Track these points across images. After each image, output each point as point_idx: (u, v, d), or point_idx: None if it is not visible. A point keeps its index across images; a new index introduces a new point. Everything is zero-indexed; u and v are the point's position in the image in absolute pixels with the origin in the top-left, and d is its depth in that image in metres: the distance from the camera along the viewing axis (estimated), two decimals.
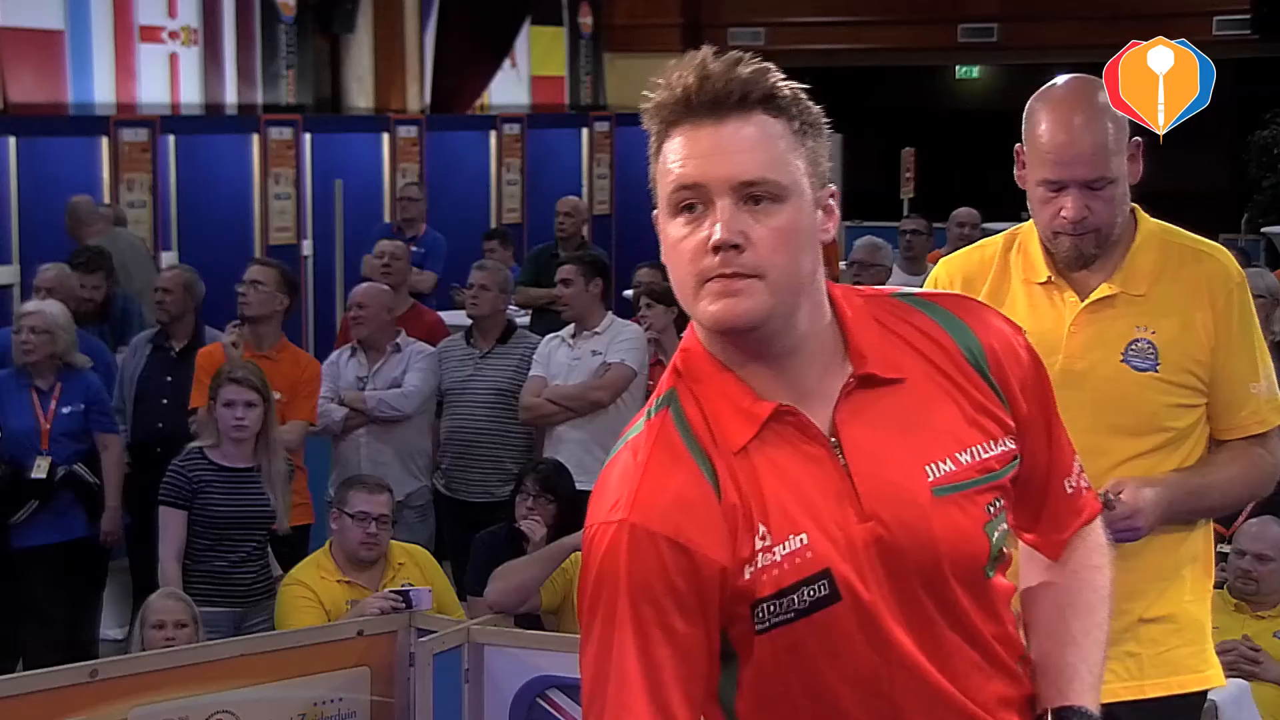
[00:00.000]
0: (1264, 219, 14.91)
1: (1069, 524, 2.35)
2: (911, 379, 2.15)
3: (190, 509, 6.13)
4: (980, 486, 2.15)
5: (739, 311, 2.05)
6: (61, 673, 4.67)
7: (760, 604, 2.08)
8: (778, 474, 2.09)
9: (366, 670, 5.09)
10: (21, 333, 6.88)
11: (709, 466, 2.08)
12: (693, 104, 2.11)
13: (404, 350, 7.61)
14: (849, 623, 2.10)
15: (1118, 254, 3.32)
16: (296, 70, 13.69)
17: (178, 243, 11.83)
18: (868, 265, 8.95)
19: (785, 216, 2.07)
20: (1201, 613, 3.40)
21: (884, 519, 2.10)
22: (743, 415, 2.10)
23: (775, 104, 2.10)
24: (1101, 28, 15.06)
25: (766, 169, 2.07)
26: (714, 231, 2.05)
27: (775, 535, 2.07)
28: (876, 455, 2.11)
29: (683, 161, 2.10)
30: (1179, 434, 3.31)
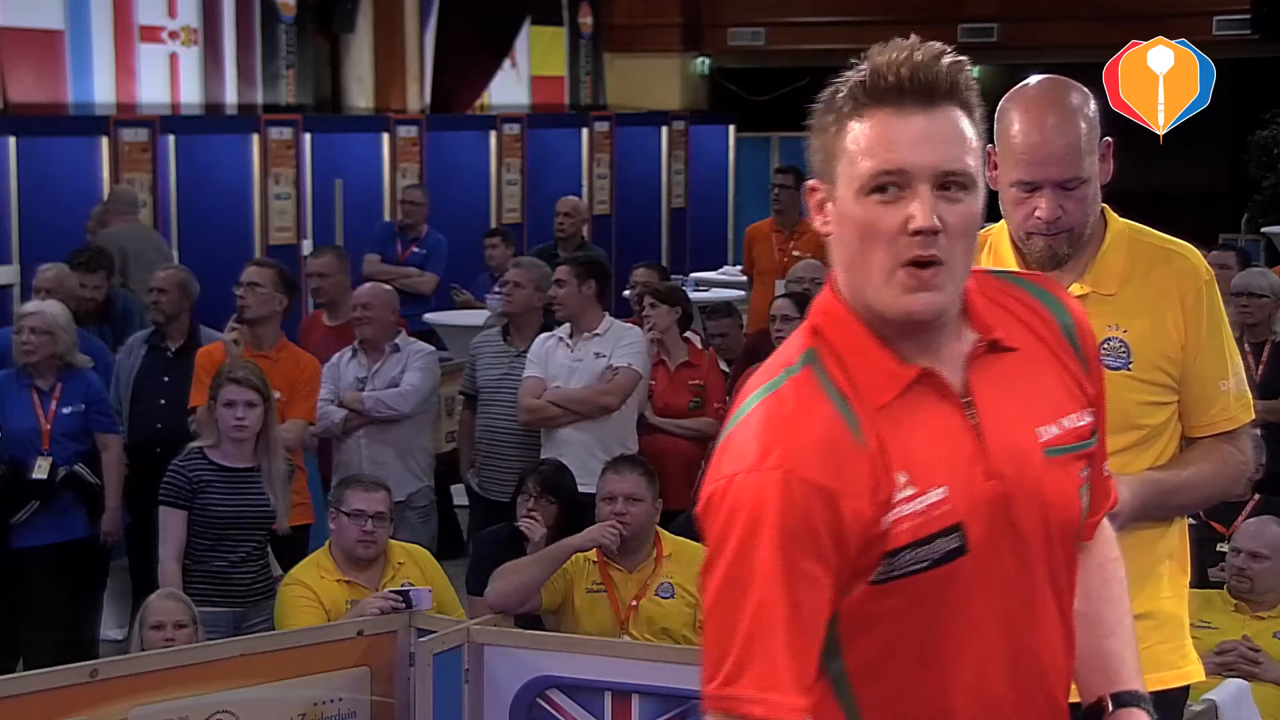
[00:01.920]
0: (1264, 219, 14.91)
1: (1102, 506, 2.42)
2: (1023, 347, 2.27)
3: (190, 509, 6.13)
4: (1078, 452, 2.28)
5: (932, 305, 2.16)
6: (61, 673, 4.67)
7: (896, 553, 2.14)
8: (919, 429, 2.18)
9: (366, 670, 5.09)
10: (22, 333, 6.88)
11: (852, 416, 2.15)
12: (905, 90, 2.17)
13: (403, 350, 7.61)
14: (969, 577, 2.17)
15: (1088, 254, 3.34)
16: (296, 70, 13.69)
17: (178, 243, 11.83)
18: None
19: (971, 205, 2.18)
20: (1179, 609, 3.42)
21: (1007, 477, 2.20)
22: (887, 375, 2.19)
23: (968, 98, 2.21)
24: (1101, 28, 15.05)
25: (962, 160, 2.17)
26: (915, 215, 2.14)
27: (918, 485, 2.15)
28: (1000, 416, 2.22)
29: (888, 145, 2.16)
30: (1152, 431, 3.32)
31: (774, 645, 2.11)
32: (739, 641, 2.13)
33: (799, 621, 2.11)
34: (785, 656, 2.11)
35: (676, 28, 17.78)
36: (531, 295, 7.67)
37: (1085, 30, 15.78)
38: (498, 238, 11.38)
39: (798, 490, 2.10)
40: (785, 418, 2.14)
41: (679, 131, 16.94)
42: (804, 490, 2.10)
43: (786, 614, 2.11)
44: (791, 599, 2.11)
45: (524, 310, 7.67)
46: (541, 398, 7.32)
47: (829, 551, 2.11)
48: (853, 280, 2.22)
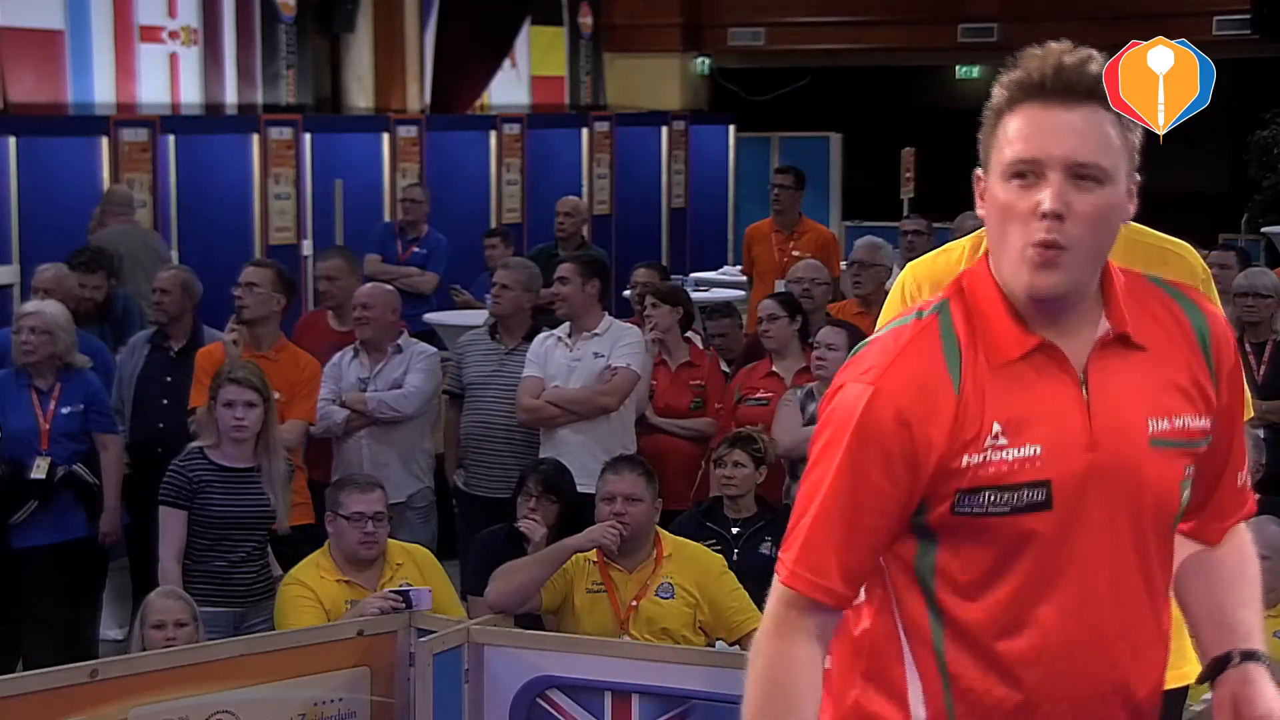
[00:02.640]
0: (1264, 219, 14.90)
1: (1232, 513, 2.67)
2: (1152, 346, 2.49)
3: (190, 509, 6.13)
4: (1184, 449, 2.49)
5: (1053, 284, 2.40)
6: (61, 673, 4.67)
7: (978, 491, 2.40)
8: (1029, 392, 2.42)
9: (366, 670, 5.09)
10: (21, 333, 6.88)
11: (957, 364, 2.42)
12: (1046, 88, 2.41)
13: (405, 351, 7.61)
14: (1053, 531, 2.41)
15: None
16: (296, 70, 13.68)
17: (178, 243, 11.82)
18: (868, 265, 8.94)
19: (1103, 197, 2.40)
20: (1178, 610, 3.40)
21: (1107, 451, 2.42)
22: (1010, 339, 2.44)
23: (1109, 99, 2.44)
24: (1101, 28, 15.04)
25: (1097, 154, 2.40)
26: (1045, 200, 2.38)
27: (1011, 439, 2.40)
28: (1113, 399, 2.44)
29: (1027, 136, 2.41)
30: None
31: (830, 533, 2.42)
32: (803, 521, 2.45)
33: (856, 519, 2.42)
34: (833, 545, 2.42)
35: (676, 28, 17.77)
36: (520, 296, 7.68)
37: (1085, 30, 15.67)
38: (497, 238, 11.38)
39: (882, 408, 2.39)
40: (895, 348, 2.44)
41: (679, 131, 16.94)
42: (887, 409, 2.39)
43: (846, 510, 2.41)
44: (854, 499, 2.41)
45: (513, 311, 7.68)
46: (540, 397, 7.32)
47: (900, 469, 2.40)
48: (996, 256, 2.46)
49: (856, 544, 2.43)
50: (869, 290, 8.78)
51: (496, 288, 7.71)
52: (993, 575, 2.43)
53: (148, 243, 10.08)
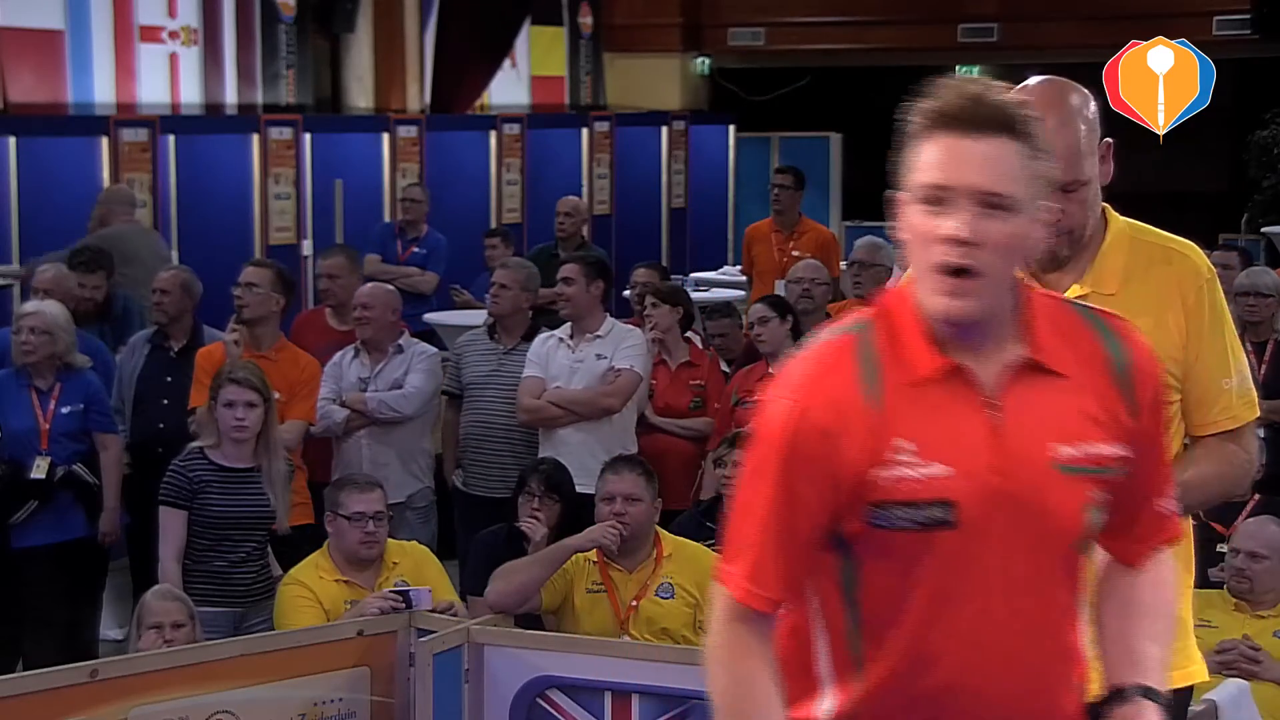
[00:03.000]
0: (1264, 219, 14.88)
1: (1151, 538, 2.70)
2: (1067, 373, 2.55)
3: (190, 509, 6.13)
4: (1092, 475, 2.54)
5: (960, 311, 2.49)
6: (61, 673, 4.67)
7: (887, 505, 2.49)
8: (940, 413, 2.51)
9: (366, 670, 5.09)
10: (21, 333, 6.88)
11: (875, 382, 2.52)
12: (958, 119, 2.48)
13: (406, 351, 7.60)
14: (956, 550, 2.49)
15: (1088, 254, 3.33)
16: (296, 70, 13.68)
17: (178, 243, 11.82)
18: (868, 265, 8.94)
19: (1012, 225, 2.48)
20: (1183, 609, 3.40)
21: (1012, 475, 2.50)
22: (925, 360, 2.52)
23: (1020, 131, 2.49)
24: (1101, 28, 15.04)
25: (1005, 184, 2.47)
26: (952, 226, 2.46)
27: (923, 455, 2.49)
28: (1021, 424, 2.51)
29: (940, 165, 2.49)
30: None
31: (766, 545, 2.54)
32: (747, 535, 2.56)
33: (795, 532, 2.53)
34: (777, 557, 2.54)
35: (676, 28, 17.76)
36: (518, 296, 7.68)
37: (1085, 30, 15.77)
38: (498, 238, 11.38)
39: (803, 422, 2.50)
40: (814, 364, 2.55)
41: (679, 131, 16.94)
42: (808, 424, 2.50)
43: (784, 523, 2.53)
44: (790, 511, 2.52)
45: (512, 311, 7.68)
46: (542, 398, 7.32)
47: (825, 480, 2.50)
48: (915, 277, 2.54)
49: (795, 555, 2.54)
50: (869, 290, 8.78)
51: (495, 287, 7.71)
52: (901, 587, 2.52)
53: (150, 242, 10.07)
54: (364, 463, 7.39)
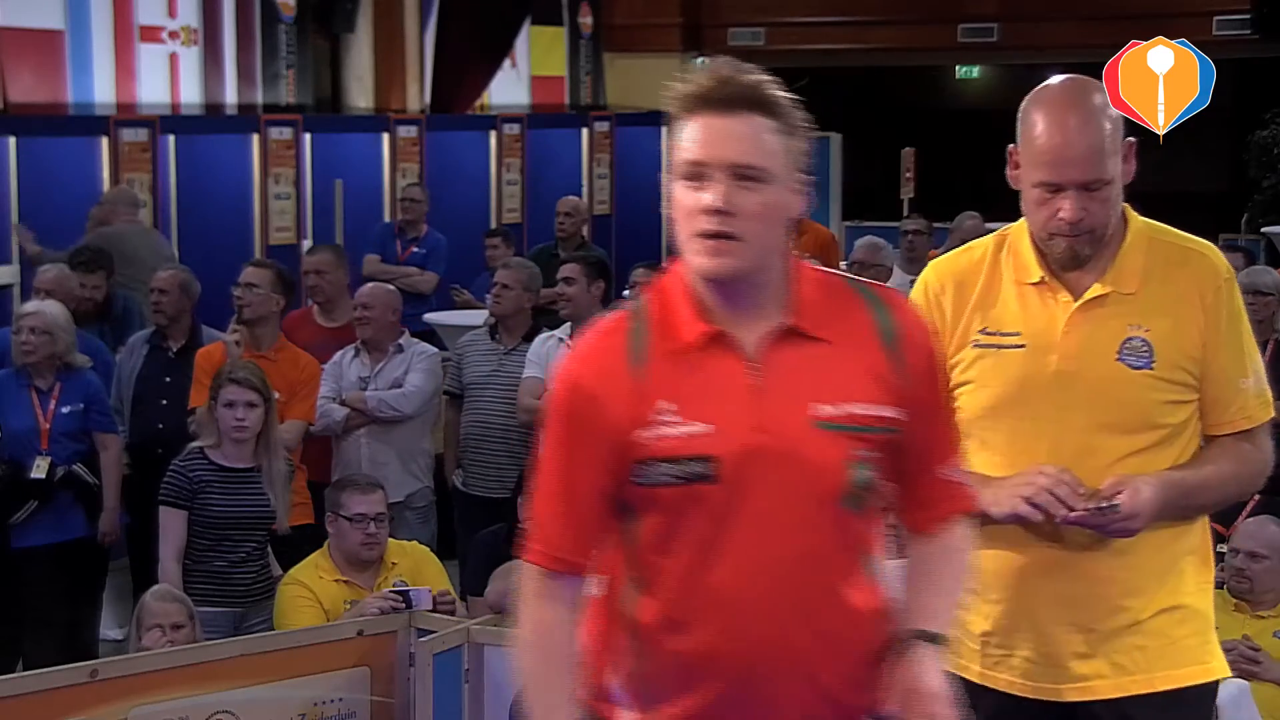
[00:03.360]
0: (1264, 219, 14.89)
1: (940, 507, 2.82)
2: (832, 339, 2.70)
3: (190, 509, 6.13)
4: (854, 433, 2.68)
5: (719, 267, 2.66)
6: (61, 673, 4.67)
7: (651, 461, 2.66)
8: (703, 375, 2.68)
9: (366, 670, 5.09)
10: (21, 333, 6.88)
11: (641, 350, 2.70)
12: (710, 99, 2.66)
13: (406, 350, 7.61)
14: (719, 503, 2.65)
15: (1109, 254, 3.34)
16: (296, 70, 13.68)
17: (178, 243, 11.82)
18: (868, 265, 8.95)
19: (765, 194, 2.65)
20: (1205, 604, 3.41)
21: (771, 433, 2.65)
22: (689, 327, 2.70)
23: (770, 109, 2.66)
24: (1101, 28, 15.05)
25: (755, 157, 2.64)
26: (710, 198, 2.63)
27: (684, 415, 2.66)
28: (782, 386, 2.67)
29: (695, 143, 2.66)
30: (1173, 430, 3.32)
31: (554, 510, 2.75)
32: (533, 500, 2.78)
33: (574, 493, 2.72)
34: (560, 518, 2.74)
35: (676, 28, 17.77)
36: (520, 296, 7.68)
37: (1085, 30, 15.77)
38: (498, 237, 11.38)
39: (575, 390, 2.73)
40: (588, 339, 2.79)
41: None
42: (578, 391, 2.72)
43: (565, 487, 2.73)
44: (569, 475, 2.73)
45: (514, 311, 7.68)
46: (542, 398, 7.31)
47: (599, 441, 2.69)
48: (681, 248, 2.71)
49: (578, 515, 2.73)
50: None
51: (497, 287, 7.71)
52: (670, 542, 2.69)
53: (151, 242, 10.06)
54: (363, 462, 7.39)
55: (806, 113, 2.70)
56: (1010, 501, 3.23)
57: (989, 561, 3.34)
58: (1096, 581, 3.32)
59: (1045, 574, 3.33)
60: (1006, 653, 3.38)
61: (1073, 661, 3.34)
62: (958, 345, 3.39)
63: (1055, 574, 3.32)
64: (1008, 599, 3.37)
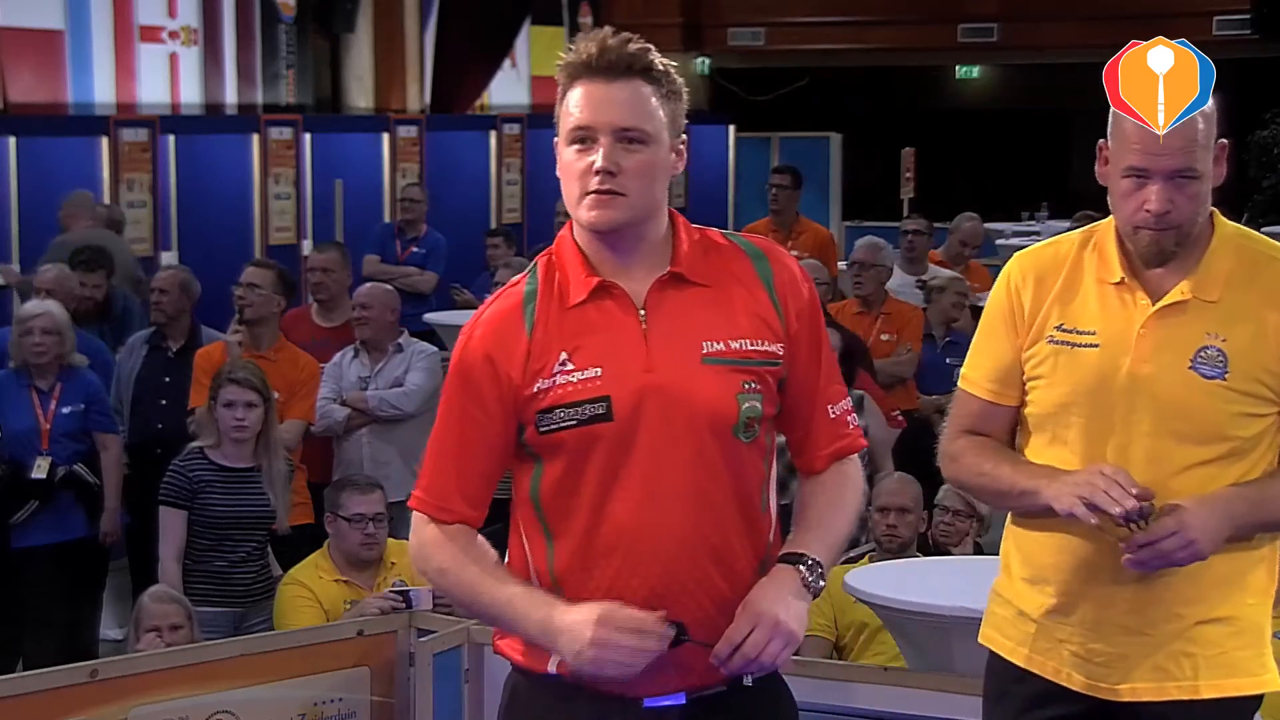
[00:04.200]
0: (1264, 219, 14.90)
1: (829, 443, 2.98)
2: (714, 285, 2.88)
3: (190, 509, 6.13)
4: (740, 366, 2.85)
5: (606, 218, 2.82)
6: (61, 673, 4.66)
7: (551, 410, 2.82)
8: (593, 326, 2.85)
9: (366, 670, 5.08)
10: (33, 334, 6.86)
11: (532, 313, 2.87)
12: (593, 67, 2.85)
13: (406, 350, 7.61)
14: (616, 439, 2.81)
15: (1194, 256, 3.27)
16: (296, 70, 13.69)
17: (178, 243, 11.83)
18: (868, 265, 8.93)
19: (647, 154, 2.83)
20: (1262, 616, 3.34)
21: (661, 371, 2.82)
22: (580, 283, 2.87)
23: (650, 75, 2.87)
24: (1101, 28, 15.06)
25: (638, 120, 2.83)
26: (597, 160, 2.80)
27: (576, 364, 2.82)
28: (670, 328, 2.85)
29: (581, 108, 2.84)
30: (1244, 443, 3.25)
31: (444, 463, 2.90)
32: (427, 457, 2.93)
33: (464, 448, 2.88)
34: (450, 473, 2.89)
35: (676, 28, 17.78)
36: None
37: (1085, 30, 15.78)
38: (500, 237, 11.38)
39: (472, 351, 2.88)
40: (487, 304, 2.95)
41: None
42: (474, 353, 2.88)
43: (455, 441, 2.89)
44: (458, 430, 2.88)
45: None
46: None
47: (491, 401, 2.85)
48: (569, 208, 2.87)
49: (469, 470, 2.88)
50: (869, 290, 8.78)
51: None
52: (575, 482, 2.83)
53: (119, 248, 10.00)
54: (365, 461, 7.39)
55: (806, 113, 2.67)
56: (1069, 500, 3.18)
57: (1051, 552, 3.31)
58: (1154, 588, 3.26)
59: (1106, 572, 3.27)
60: (1057, 642, 3.34)
61: (1121, 661, 3.29)
62: (1034, 339, 3.34)
63: (1116, 573, 3.26)
64: (1065, 592, 3.32)
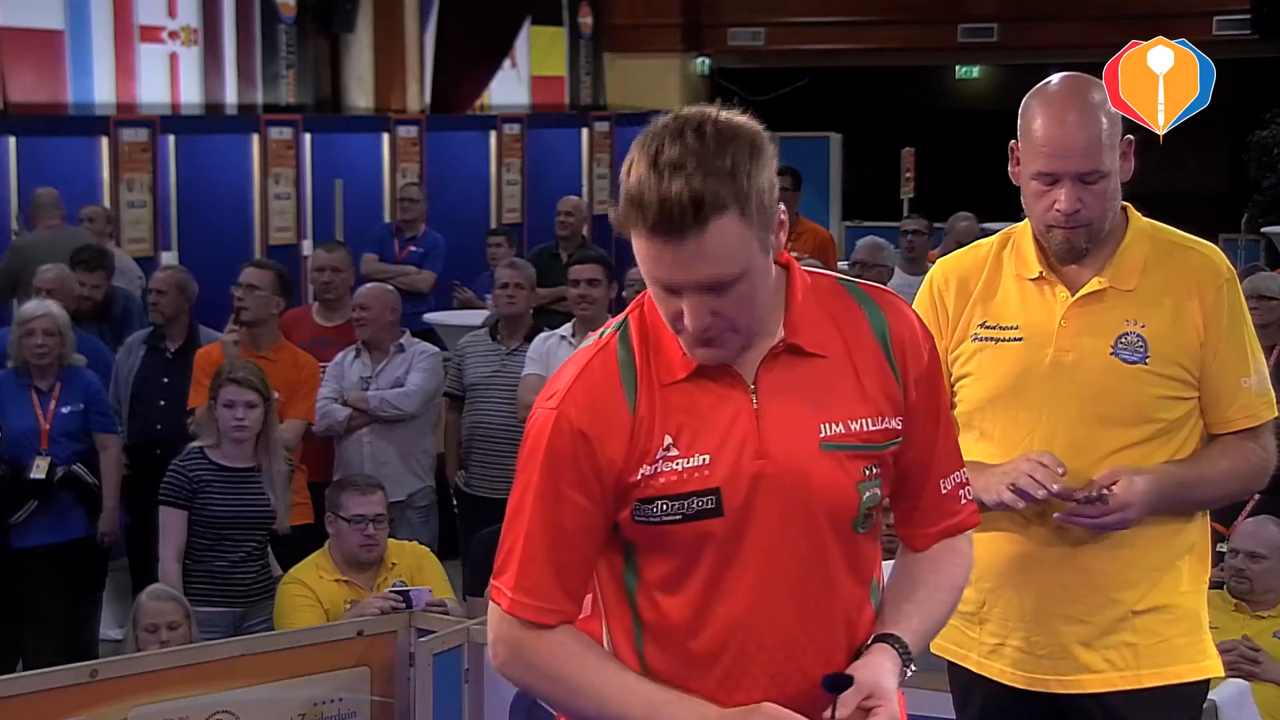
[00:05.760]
0: (1264, 219, 14.89)
1: (938, 520, 2.67)
2: (830, 353, 2.54)
3: (190, 509, 6.13)
4: (862, 451, 2.53)
5: (714, 358, 2.48)
6: (61, 673, 4.67)
7: (652, 500, 2.49)
8: (699, 407, 2.50)
9: (366, 670, 5.09)
10: (35, 335, 6.86)
11: (633, 385, 2.51)
12: (653, 225, 2.38)
13: (408, 350, 7.61)
14: (726, 535, 2.49)
15: (1108, 249, 3.38)
16: (296, 70, 13.69)
17: (178, 243, 11.83)
18: (869, 265, 8.95)
19: (744, 288, 2.42)
20: (1198, 604, 3.44)
21: (775, 458, 2.49)
22: (681, 358, 2.51)
23: (723, 203, 2.36)
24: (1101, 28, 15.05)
25: (724, 268, 2.39)
26: (687, 322, 2.43)
27: (682, 450, 2.49)
28: (783, 408, 2.50)
29: (653, 265, 2.43)
30: (1169, 426, 3.35)
31: (537, 554, 2.52)
32: (509, 545, 2.55)
33: (562, 539, 2.52)
34: (547, 566, 2.52)
35: (676, 28, 17.78)
36: (530, 296, 7.72)
37: (1085, 30, 15.78)
38: (501, 237, 11.39)
39: (566, 430, 2.50)
40: (575, 371, 2.54)
41: None
42: (569, 430, 2.50)
43: (547, 529, 2.52)
44: (554, 518, 2.51)
45: (524, 310, 7.71)
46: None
47: (592, 485, 2.50)
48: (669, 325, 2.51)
49: (568, 561, 2.53)
50: None
51: (510, 287, 7.70)
52: (678, 579, 2.52)
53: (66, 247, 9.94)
54: (365, 461, 7.39)
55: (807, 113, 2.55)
56: (996, 489, 3.28)
57: (986, 549, 3.37)
58: (1090, 573, 3.35)
59: (1039, 564, 3.37)
60: (999, 641, 3.43)
61: (1063, 654, 3.38)
62: (959, 339, 3.45)
63: (1049, 564, 3.37)
64: (1001, 587, 3.41)
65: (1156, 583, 3.37)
